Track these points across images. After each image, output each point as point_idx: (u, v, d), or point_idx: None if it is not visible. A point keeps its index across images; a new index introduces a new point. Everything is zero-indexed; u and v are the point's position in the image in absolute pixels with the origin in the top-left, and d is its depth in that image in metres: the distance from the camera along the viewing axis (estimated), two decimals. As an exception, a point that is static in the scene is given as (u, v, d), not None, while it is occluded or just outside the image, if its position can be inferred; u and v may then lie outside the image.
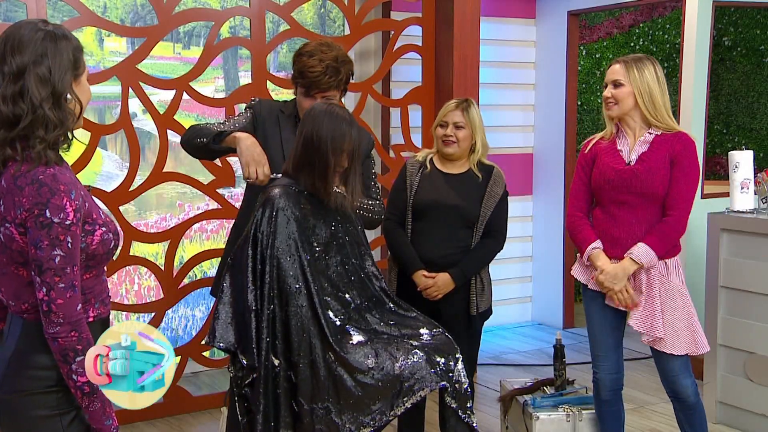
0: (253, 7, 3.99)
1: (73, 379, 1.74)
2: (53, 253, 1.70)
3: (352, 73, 2.89)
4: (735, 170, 3.77)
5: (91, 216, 1.79)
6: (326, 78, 2.76)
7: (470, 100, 3.22)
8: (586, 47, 6.27)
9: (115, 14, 4.34)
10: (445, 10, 4.43)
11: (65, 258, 1.71)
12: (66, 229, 1.70)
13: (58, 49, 1.74)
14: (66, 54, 1.75)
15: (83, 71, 1.80)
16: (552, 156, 5.51)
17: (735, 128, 6.54)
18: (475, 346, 3.26)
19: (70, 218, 1.71)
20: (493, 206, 3.16)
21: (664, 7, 6.42)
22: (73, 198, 1.72)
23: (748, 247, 3.74)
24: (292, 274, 2.43)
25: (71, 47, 1.77)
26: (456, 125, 3.15)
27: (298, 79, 2.84)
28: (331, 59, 2.78)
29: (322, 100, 2.75)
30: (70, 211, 1.71)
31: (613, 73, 2.94)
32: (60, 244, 1.70)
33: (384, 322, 2.59)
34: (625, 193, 2.92)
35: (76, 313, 1.73)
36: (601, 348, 3.04)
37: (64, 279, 1.71)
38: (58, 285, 1.71)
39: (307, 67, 2.78)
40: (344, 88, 2.89)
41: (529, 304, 5.80)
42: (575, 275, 3.07)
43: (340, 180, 2.54)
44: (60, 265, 1.71)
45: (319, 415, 2.37)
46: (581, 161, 3.07)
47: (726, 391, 3.86)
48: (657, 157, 2.89)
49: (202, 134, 2.79)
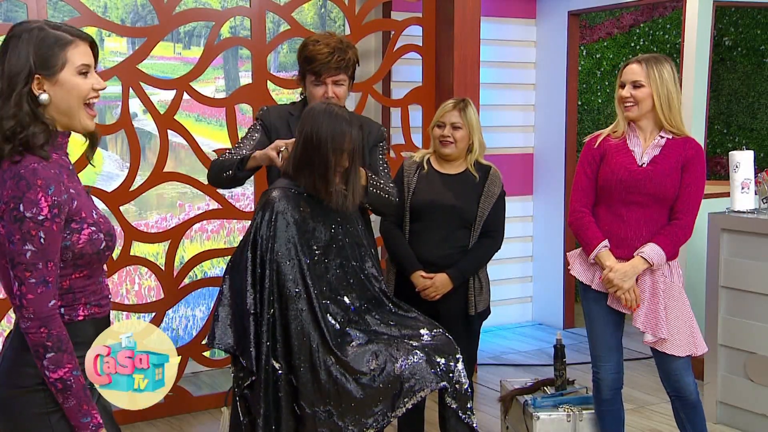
0: (253, 7, 3.99)
1: (46, 375, 1.74)
2: (24, 248, 1.69)
3: (358, 60, 2.90)
4: (735, 170, 3.77)
5: (80, 214, 1.78)
6: (335, 58, 2.79)
7: (467, 100, 3.21)
8: (586, 47, 6.27)
9: (116, 14, 4.34)
10: (446, 10, 4.43)
11: (36, 253, 1.70)
12: (38, 225, 1.69)
13: (16, 48, 1.73)
14: (24, 53, 1.73)
15: (61, 69, 1.76)
16: (552, 156, 5.51)
17: (735, 128, 6.54)
18: (473, 346, 3.25)
19: (44, 213, 1.69)
20: (491, 206, 3.16)
21: (664, 7, 6.42)
22: (50, 194, 1.70)
23: (749, 247, 3.74)
24: (291, 278, 2.43)
25: (39, 45, 1.74)
26: (453, 126, 3.15)
27: (306, 68, 2.85)
28: (336, 42, 2.83)
29: (332, 86, 2.79)
30: (44, 207, 1.69)
31: (633, 73, 2.89)
32: (31, 239, 1.69)
33: (384, 323, 2.59)
34: (636, 194, 2.90)
35: (47, 309, 1.72)
36: (603, 348, 3.03)
37: (35, 274, 1.70)
38: (29, 280, 1.70)
39: (315, 52, 2.81)
40: (353, 75, 2.90)
41: (529, 304, 5.80)
42: (576, 275, 3.06)
43: (341, 180, 2.53)
44: (31, 260, 1.70)
45: (321, 419, 2.37)
46: (588, 156, 3.01)
47: (726, 391, 3.86)
48: (669, 160, 2.90)
49: (225, 167, 2.80)
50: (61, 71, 1.77)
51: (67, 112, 1.80)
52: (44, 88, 1.76)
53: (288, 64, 4.83)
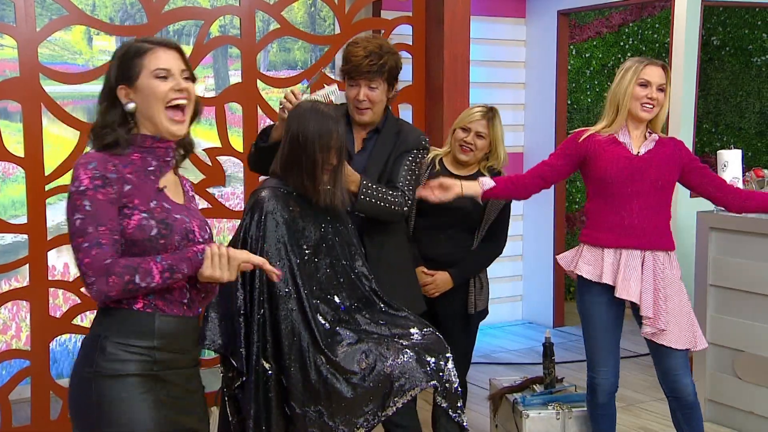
0: (243, 5, 3.98)
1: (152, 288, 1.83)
2: (73, 218, 1.81)
3: (399, 68, 2.86)
4: (724, 169, 3.79)
5: (132, 201, 1.86)
6: (367, 61, 2.76)
7: (495, 110, 3.21)
8: (576, 46, 6.29)
9: (104, 13, 4.32)
10: (436, 9, 4.44)
11: (84, 219, 1.80)
12: (82, 194, 1.81)
13: (111, 64, 1.95)
14: (114, 67, 1.93)
15: (138, 75, 1.90)
16: (542, 155, 5.44)
17: (723, 127, 6.57)
18: (470, 345, 3.27)
19: (84, 184, 1.81)
20: (497, 211, 3.18)
21: (653, 7, 6.45)
22: (89, 168, 1.82)
23: (737, 245, 3.76)
24: (281, 278, 2.42)
25: (122, 58, 1.92)
26: (478, 134, 3.16)
27: (343, 68, 2.85)
28: (375, 47, 2.80)
29: (365, 89, 2.79)
30: (84, 178, 1.82)
31: (659, 76, 2.90)
32: (77, 208, 1.81)
33: (374, 323, 2.58)
34: (638, 182, 2.89)
35: (104, 264, 1.79)
36: (602, 352, 2.99)
37: (87, 238, 1.79)
38: (83, 245, 1.79)
39: (350, 53, 2.81)
40: (390, 82, 2.85)
41: (519, 303, 5.82)
42: (584, 274, 2.95)
43: (329, 178, 2.52)
44: (81, 227, 1.80)
45: (311, 419, 2.36)
46: (569, 149, 2.98)
47: (715, 388, 3.88)
48: (665, 151, 2.94)
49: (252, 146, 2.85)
50: (138, 78, 1.90)
51: (150, 116, 1.91)
52: (129, 97, 1.91)
53: (278, 63, 4.82)
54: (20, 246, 4.08)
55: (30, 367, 3.57)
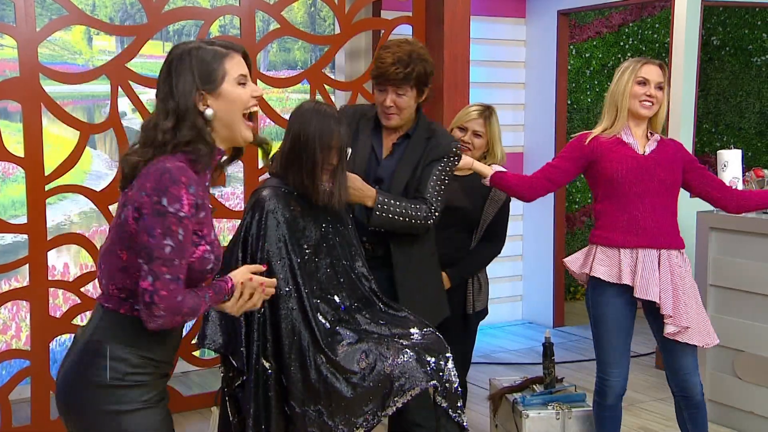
0: (242, 5, 3.98)
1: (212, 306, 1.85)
2: (164, 242, 1.69)
3: (429, 74, 2.80)
4: (724, 169, 3.79)
5: (202, 230, 1.80)
6: (393, 69, 2.73)
7: (492, 108, 3.21)
8: (575, 46, 6.29)
9: (104, 13, 4.32)
10: (436, 9, 4.44)
11: (175, 250, 1.70)
12: (179, 221, 1.70)
13: (181, 69, 1.80)
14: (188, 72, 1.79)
15: (221, 81, 1.81)
16: (542, 155, 5.51)
17: (723, 127, 6.57)
18: (469, 345, 3.26)
19: (185, 210, 1.71)
20: (496, 211, 3.17)
21: (653, 7, 6.45)
22: (191, 192, 1.72)
23: (737, 245, 3.76)
24: (282, 276, 2.42)
25: (200, 62, 1.80)
26: (475, 133, 3.16)
27: (372, 72, 2.84)
28: (404, 54, 2.75)
29: (393, 95, 2.77)
30: (186, 204, 1.71)
31: (657, 75, 2.92)
32: (172, 234, 1.69)
33: (374, 322, 2.59)
34: (648, 181, 2.89)
35: (176, 303, 1.71)
36: (615, 353, 2.97)
37: (171, 270, 1.70)
38: (165, 275, 1.69)
39: (380, 59, 2.78)
40: (419, 88, 2.80)
41: (519, 303, 5.82)
42: (602, 276, 2.91)
43: (330, 178, 2.52)
44: (170, 256, 1.69)
45: (311, 418, 2.37)
46: (575, 152, 2.97)
47: (715, 388, 3.88)
48: (669, 151, 2.96)
49: None
50: (221, 84, 1.81)
51: (229, 124, 1.84)
52: (208, 104, 1.80)
53: (278, 63, 4.82)
54: (20, 246, 4.08)
55: (30, 367, 3.57)
